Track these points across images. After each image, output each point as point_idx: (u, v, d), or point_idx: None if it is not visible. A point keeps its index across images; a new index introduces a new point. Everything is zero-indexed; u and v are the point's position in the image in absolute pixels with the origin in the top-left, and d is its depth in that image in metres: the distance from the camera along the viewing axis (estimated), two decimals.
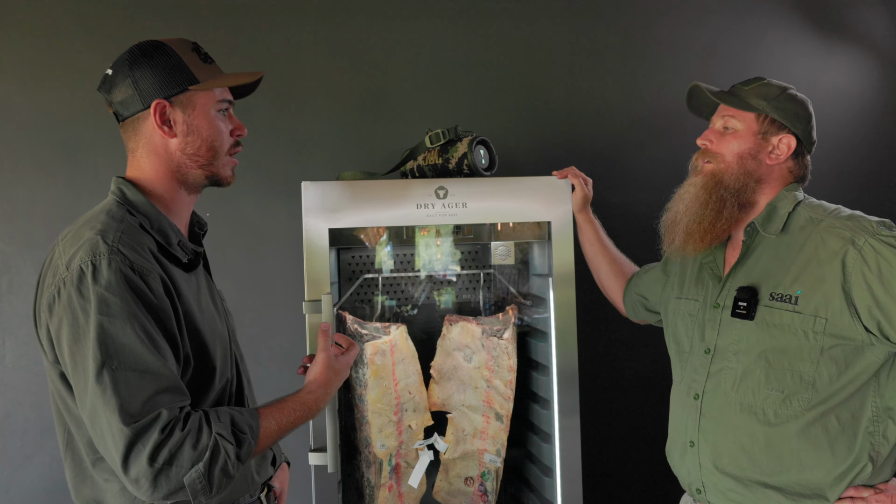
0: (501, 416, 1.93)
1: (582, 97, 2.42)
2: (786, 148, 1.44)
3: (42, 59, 2.13)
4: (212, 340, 1.25)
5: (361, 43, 2.30)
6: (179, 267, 1.24)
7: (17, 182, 2.12)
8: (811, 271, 1.35)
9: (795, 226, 1.41)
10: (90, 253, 1.11)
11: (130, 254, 1.13)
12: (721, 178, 1.45)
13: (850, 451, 1.34)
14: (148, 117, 1.23)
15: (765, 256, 1.43)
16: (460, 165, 1.82)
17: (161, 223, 1.23)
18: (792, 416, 1.35)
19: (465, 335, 1.93)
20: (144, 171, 1.26)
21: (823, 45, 2.57)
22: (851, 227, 1.33)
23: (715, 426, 1.44)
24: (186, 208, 1.32)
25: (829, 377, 1.33)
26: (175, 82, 1.22)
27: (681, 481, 1.56)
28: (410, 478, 1.91)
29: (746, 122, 1.45)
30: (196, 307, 1.23)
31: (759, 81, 1.49)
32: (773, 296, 1.38)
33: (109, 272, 1.10)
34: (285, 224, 2.24)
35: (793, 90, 1.49)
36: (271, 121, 2.24)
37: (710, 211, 1.44)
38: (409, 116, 2.31)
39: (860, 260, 1.29)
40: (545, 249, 1.89)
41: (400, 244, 2.03)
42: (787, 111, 1.45)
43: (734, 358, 1.42)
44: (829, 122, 2.58)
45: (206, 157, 1.27)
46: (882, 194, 2.62)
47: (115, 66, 1.24)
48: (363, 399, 1.82)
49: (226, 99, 1.30)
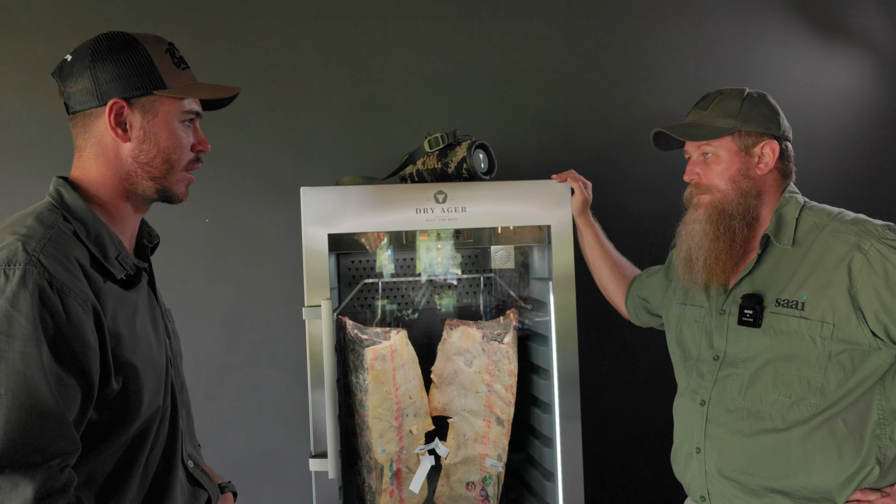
0: (502, 420, 1.92)
1: (581, 100, 2.42)
2: (770, 153, 1.43)
3: (41, 66, 2.13)
4: (143, 367, 1.11)
5: (360, 47, 2.29)
6: (115, 283, 1.10)
7: (17, 189, 2.12)
8: (817, 277, 1.34)
9: (801, 232, 1.39)
10: (4, 260, 0.98)
11: (53, 266, 0.99)
12: (723, 207, 1.42)
13: (857, 454, 1.33)
14: (101, 115, 1.11)
15: (769, 263, 1.42)
16: (459, 170, 1.82)
17: (99, 233, 1.10)
18: (799, 420, 1.34)
19: (465, 339, 1.92)
20: (89, 174, 1.14)
21: (822, 45, 2.57)
22: (857, 232, 1.32)
23: (721, 432, 1.43)
24: (131, 219, 1.19)
25: (837, 382, 1.32)
26: (139, 84, 1.11)
27: (685, 488, 1.55)
28: (411, 483, 1.90)
29: (724, 145, 1.43)
30: (128, 330, 1.09)
31: (714, 99, 1.46)
32: (778, 301, 1.37)
33: (21, 286, 0.96)
34: (284, 229, 2.23)
35: (749, 91, 1.47)
36: (270, 126, 2.24)
37: (723, 243, 1.42)
38: (408, 121, 2.31)
39: (866, 264, 1.28)
40: (545, 253, 1.89)
41: (400, 249, 2.03)
42: (757, 118, 1.43)
43: (742, 365, 1.41)
44: (829, 122, 2.58)
45: (159, 169, 1.15)
46: (882, 195, 2.61)
47: (75, 53, 1.13)
48: (364, 404, 1.81)
49: (193, 110, 1.18)
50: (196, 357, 2.20)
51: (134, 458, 1.12)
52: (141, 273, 1.17)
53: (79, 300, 1.00)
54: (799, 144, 2.54)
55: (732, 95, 1.45)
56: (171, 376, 1.22)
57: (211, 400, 2.22)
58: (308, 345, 1.71)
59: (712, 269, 1.43)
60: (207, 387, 2.22)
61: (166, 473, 1.19)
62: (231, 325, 2.24)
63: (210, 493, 1.30)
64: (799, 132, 2.55)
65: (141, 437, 1.13)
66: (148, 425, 1.14)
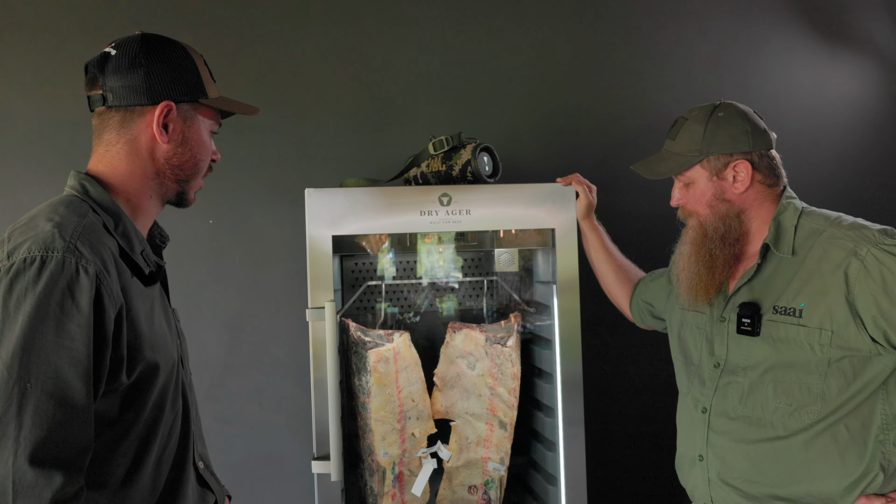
0: (505, 424, 1.92)
1: (585, 104, 2.42)
2: (744, 173, 1.42)
3: (45, 66, 2.13)
4: (160, 363, 1.11)
5: (365, 50, 2.30)
6: (139, 279, 1.11)
7: (21, 189, 2.12)
8: (815, 284, 1.34)
9: (799, 239, 1.39)
10: (41, 246, 0.96)
11: (89, 254, 0.98)
12: (705, 230, 1.45)
13: (860, 460, 1.32)
14: (146, 114, 1.13)
15: (768, 270, 1.42)
16: (464, 172, 1.82)
17: (126, 227, 1.11)
18: (801, 428, 1.34)
19: (468, 343, 1.92)
20: (117, 169, 1.14)
21: (827, 51, 2.56)
22: (853, 238, 1.32)
23: (723, 440, 1.43)
24: (150, 217, 1.21)
25: (838, 388, 1.32)
26: (188, 90, 1.15)
27: (689, 494, 1.55)
28: (414, 486, 1.89)
29: (696, 173, 1.45)
30: (147, 325, 1.09)
31: (681, 127, 1.47)
32: (776, 309, 1.37)
33: (58, 273, 0.95)
34: (288, 231, 2.23)
35: (716, 110, 1.45)
36: (274, 128, 2.24)
37: (703, 266, 1.44)
38: (413, 123, 2.31)
39: (863, 271, 1.28)
40: (549, 257, 1.89)
41: (403, 251, 2.03)
42: (722, 140, 1.42)
43: (742, 372, 1.41)
44: (834, 128, 2.57)
45: (187, 173, 1.18)
46: (887, 200, 2.61)
47: (122, 49, 1.12)
48: (366, 407, 1.81)
49: (219, 121, 1.24)
50: (199, 358, 2.19)
51: (144, 456, 1.11)
52: (160, 271, 1.19)
53: (108, 290, 0.99)
54: (804, 150, 2.55)
55: (697, 120, 1.45)
56: (181, 375, 1.22)
57: (213, 401, 2.22)
58: (311, 346, 1.70)
59: (695, 289, 1.46)
60: (210, 388, 2.22)
61: (179, 473, 1.18)
62: (234, 327, 2.24)
63: (217, 496, 1.30)
64: (804, 138, 2.56)
65: (152, 435, 1.12)
66: (157, 423, 1.13)
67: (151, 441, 1.12)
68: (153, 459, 1.12)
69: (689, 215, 1.50)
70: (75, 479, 0.93)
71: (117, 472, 1.07)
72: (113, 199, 1.12)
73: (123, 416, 1.06)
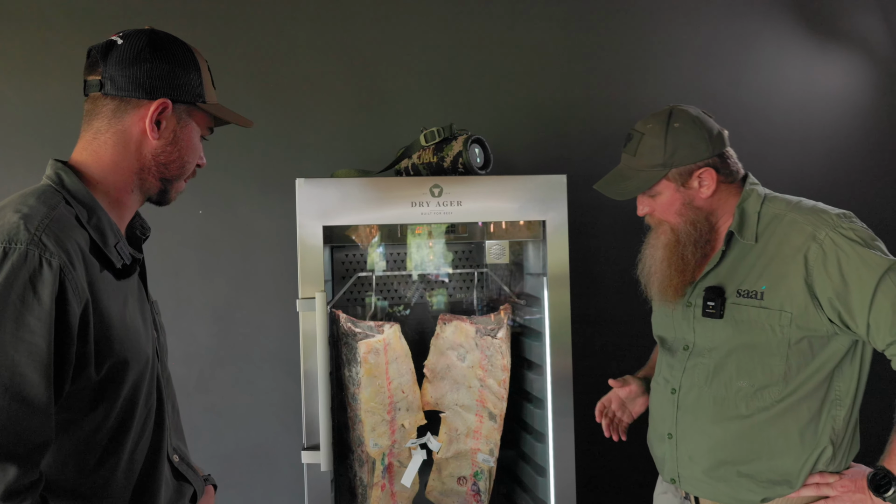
0: (495, 415, 1.93)
1: (577, 97, 2.42)
2: (709, 179, 1.44)
3: (33, 55, 2.11)
4: (128, 358, 1.10)
5: (356, 41, 2.29)
6: (111, 272, 1.09)
7: (9, 179, 2.10)
8: (776, 267, 1.38)
9: (761, 225, 1.43)
10: (5, 237, 0.95)
11: (54, 247, 0.97)
12: (678, 237, 1.47)
13: (815, 436, 1.38)
14: (140, 108, 1.12)
15: (732, 256, 1.46)
16: (455, 164, 1.82)
17: (100, 219, 1.09)
18: (763, 407, 1.40)
19: (458, 334, 1.92)
20: (102, 159, 1.13)
21: (817, 46, 2.58)
22: (812, 222, 1.36)
23: (691, 419, 1.48)
24: (130, 210, 1.19)
25: (798, 368, 1.37)
26: (187, 91, 1.15)
27: (658, 468, 1.60)
28: (403, 477, 1.90)
29: (662, 187, 1.46)
30: (117, 320, 1.07)
31: (639, 142, 1.46)
32: (739, 292, 1.42)
33: (20, 266, 0.93)
34: (278, 223, 2.23)
35: (671, 122, 1.45)
36: (265, 119, 2.23)
37: (675, 269, 1.48)
38: (404, 115, 2.30)
39: (821, 254, 1.33)
40: (540, 249, 1.89)
41: (394, 243, 2.03)
42: (684, 152, 1.43)
43: (708, 354, 1.46)
44: (823, 123, 2.59)
45: (172, 172, 1.18)
46: (875, 193, 2.63)
47: (129, 39, 1.12)
48: (356, 398, 1.81)
49: (211, 128, 1.24)
50: (188, 350, 2.19)
51: (116, 450, 1.10)
52: (135, 264, 1.17)
53: (73, 285, 0.98)
54: (793, 145, 2.57)
55: (654, 133, 1.45)
56: (157, 370, 1.21)
57: (202, 393, 2.21)
58: (301, 336, 1.70)
59: (665, 291, 1.50)
60: (199, 380, 2.21)
61: (151, 468, 1.17)
62: (223, 319, 2.23)
63: (196, 487, 1.29)
64: (794, 132, 2.58)
65: (124, 430, 1.11)
66: (129, 418, 1.12)
67: (123, 436, 1.11)
68: (126, 454, 1.12)
69: (659, 223, 1.51)
70: (30, 472, 0.93)
71: (89, 467, 1.07)
72: (89, 190, 1.10)
73: (94, 412, 1.06)
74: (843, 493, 1.36)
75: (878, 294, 1.28)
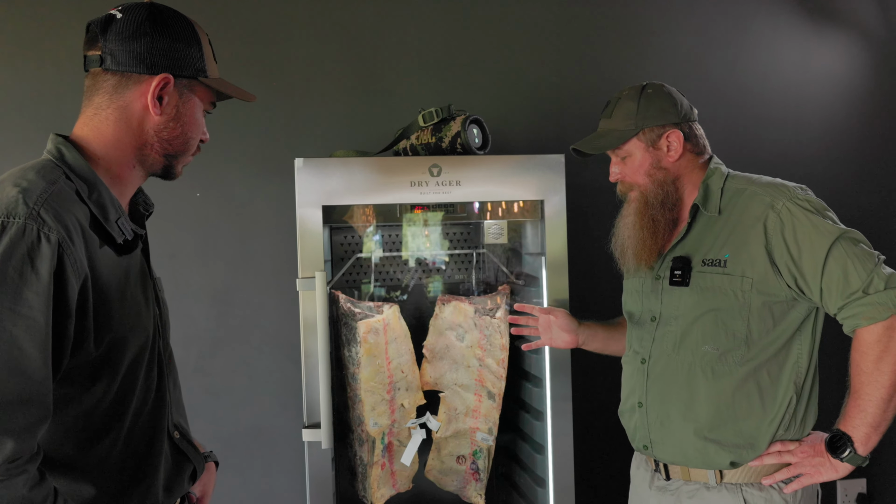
0: (493, 394, 1.94)
1: (574, 77, 2.42)
2: (676, 142, 1.53)
3: (27, 35, 2.10)
4: (128, 335, 1.10)
5: (354, 21, 2.28)
6: (111, 247, 1.09)
7: (3, 161, 2.09)
8: (738, 236, 1.46)
9: (725, 199, 1.51)
10: (3, 212, 0.95)
11: (52, 221, 0.96)
12: (646, 199, 1.55)
13: (774, 401, 1.45)
14: (142, 83, 1.11)
15: (698, 229, 1.53)
16: (453, 144, 1.82)
17: (101, 194, 1.08)
18: (727, 371, 1.46)
19: (457, 314, 1.93)
20: (103, 134, 1.12)
21: (813, 28, 2.58)
22: (771, 193, 1.45)
23: (661, 386, 1.54)
24: (133, 186, 1.18)
25: (759, 333, 1.44)
26: (189, 66, 1.14)
27: (630, 439, 1.64)
28: (403, 456, 1.91)
29: (633, 145, 1.55)
30: (117, 296, 1.07)
31: (615, 105, 1.57)
32: (704, 262, 1.49)
33: (18, 240, 0.93)
34: (276, 204, 2.22)
35: (646, 88, 1.56)
36: (263, 100, 2.21)
37: (647, 232, 1.54)
38: (402, 95, 2.30)
39: (779, 222, 1.41)
40: (538, 229, 1.90)
41: (393, 223, 2.03)
42: (654, 113, 1.52)
43: (675, 322, 1.52)
44: (818, 106, 2.60)
45: (175, 148, 1.17)
46: (869, 175, 2.64)
47: (129, 13, 1.11)
48: (356, 377, 1.82)
49: (214, 102, 1.23)
50: (187, 332, 2.19)
51: (116, 426, 1.10)
52: (137, 239, 1.16)
53: (71, 260, 0.98)
54: (788, 126, 2.58)
55: (630, 97, 1.56)
56: (158, 346, 1.21)
57: (201, 374, 2.21)
58: (301, 316, 1.71)
59: (640, 255, 1.56)
60: (198, 361, 2.21)
61: (151, 444, 1.17)
62: (222, 300, 2.23)
63: (196, 465, 1.29)
64: (789, 113, 2.58)
65: (124, 405, 1.11)
66: (129, 394, 1.12)
67: (123, 412, 1.11)
68: (125, 430, 1.12)
69: (629, 188, 1.59)
70: (27, 446, 0.93)
71: (88, 442, 1.07)
72: (90, 165, 1.09)
73: (94, 387, 1.06)
74: (803, 458, 1.42)
75: (830, 260, 1.36)
